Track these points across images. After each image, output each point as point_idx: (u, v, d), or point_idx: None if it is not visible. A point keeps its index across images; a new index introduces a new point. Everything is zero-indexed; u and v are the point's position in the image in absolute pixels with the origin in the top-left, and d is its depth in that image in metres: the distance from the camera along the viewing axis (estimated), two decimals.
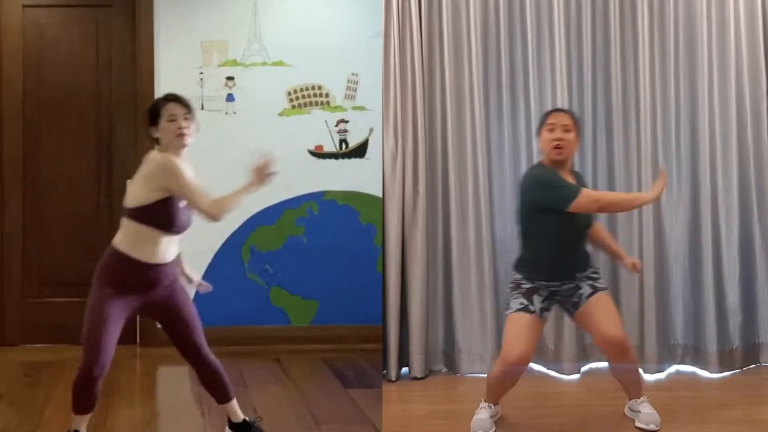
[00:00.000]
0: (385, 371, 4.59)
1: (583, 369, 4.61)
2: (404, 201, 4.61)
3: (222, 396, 3.58)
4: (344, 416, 4.23)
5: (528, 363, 3.61)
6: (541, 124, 3.66)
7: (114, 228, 5.68)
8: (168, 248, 3.36)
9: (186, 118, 3.34)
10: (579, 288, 3.63)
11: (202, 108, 5.62)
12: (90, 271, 6.37)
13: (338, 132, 5.77)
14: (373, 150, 5.72)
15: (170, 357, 5.31)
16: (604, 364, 4.66)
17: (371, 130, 5.76)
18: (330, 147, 5.76)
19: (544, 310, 3.64)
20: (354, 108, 5.77)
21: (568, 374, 4.56)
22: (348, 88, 5.77)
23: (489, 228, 4.62)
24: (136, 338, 5.62)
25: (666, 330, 4.63)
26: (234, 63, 5.68)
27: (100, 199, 5.73)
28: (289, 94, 5.73)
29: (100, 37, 5.71)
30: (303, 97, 5.74)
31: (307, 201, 5.77)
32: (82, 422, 3.44)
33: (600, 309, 3.58)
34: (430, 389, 4.47)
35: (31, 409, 4.29)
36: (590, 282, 3.64)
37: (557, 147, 3.54)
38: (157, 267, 3.34)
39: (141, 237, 3.31)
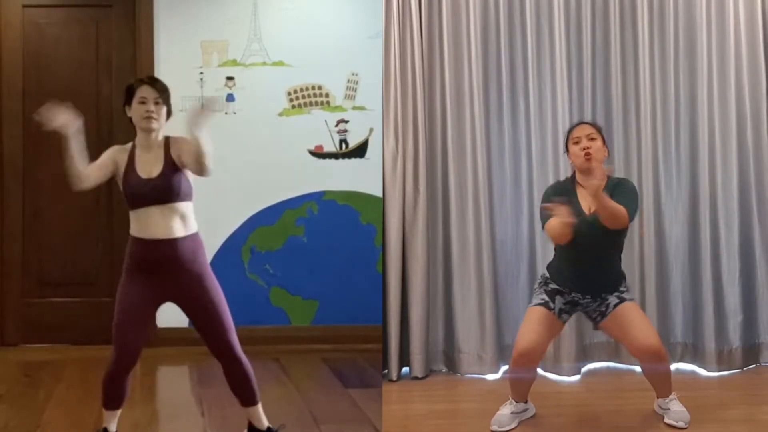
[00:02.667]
0: (386, 371, 4.60)
1: (583, 369, 4.61)
2: (404, 201, 4.61)
3: (242, 399, 3.52)
4: (344, 416, 4.23)
5: (536, 356, 3.65)
6: (567, 140, 3.75)
7: (113, 227, 5.75)
8: (153, 223, 3.31)
9: (156, 103, 3.36)
10: (606, 299, 3.66)
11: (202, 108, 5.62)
12: (90, 271, 6.36)
13: (338, 132, 5.77)
14: (373, 150, 5.73)
15: (170, 357, 5.35)
16: (604, 365, 4.68)
17: (371, 130, 5.76)
18: (330, 147, 5.77)
19: (564, 312, 3.68)
20: (354, 108, 5.77)
21: (568, 375, 4.55)
22: (348, 88, 5.77)
23: (489, 228, 4.62)
24: None
25: (666, 328, 4.63)
26: (234, 63, 5.68)
27: (100, 199, 5.72)
28: (289, 94, 5.74)
29: (100, 37, 5.72)
30: (303, 97, 5.75)
31: (307, 201, 5.77)
32: (112, 419, 3.45)
33: (631, 318, 3.61)
34: (431, 389, 4.46)
35: (31, 409, 4.29)
36: (616, 293, 3.67)
37: (586, 155, 3.62)
38: (149, 243, 3.30)
39: (132, 216, 3.38)
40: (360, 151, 5.78)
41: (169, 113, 3.44)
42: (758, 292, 4.62)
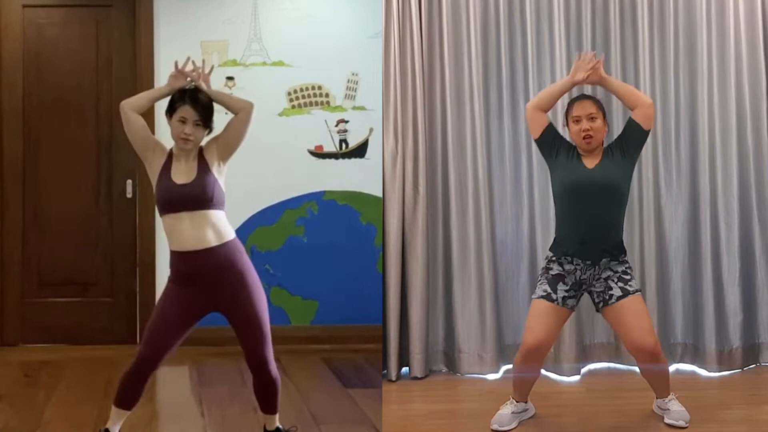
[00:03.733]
0: (385, 371, 4.60)
1: (583, 370, 4.61)
2: (404, 201, 4.61)
3: (264, 408, 3.52)
4: (344, 416, 4.23)
5: (545, 350, 3.67)
6: (567, 114, 3.71)
7: (113, 228, 5.76)
8: (184, 233, 3.26)
9: (196, 124, 3.32)
10: (610, 287, 3.64)
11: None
12: (90, 271, 6.35)
13: (338, 132, 5.77)
14: (373, 150, 5.73)
15: (170, 357, 5.34)
16: (604, 365, 4.68)
17: (371, 130, 5.76)
18: (330, 147, 5.77)
19: (568, 298, 3.65)
20: (354, 108, 5.77)
21: (568, 375, 4.55)
22: (348, 88, 5.77)
23: (489, 228, 4.62)
24: (136, 338, 5.63)
25: (666, 329, 4.63)
26: (234, 63, 5.68)
27: (100, 199, 5.73)
28: (289, 94, 5.74)
29: (100, 37, 5.72)
30: (303, 97, 5.75)
31: (307, 201, 5.77)
32: (118, 419, 3.41)
33: (631, 315, 3.60)
34: (430, 389, 4.46)
35: (31, 409, 4.29)
36: (621, 284, 3.64)
37: (586, 137, 3.61)
38: (184, 255, 3.27)
39: (164, 226, 3.33)
40: (360, 151, 5.78)
41: (210, 129, 3.40)
42: (758, 292, 4.62)
